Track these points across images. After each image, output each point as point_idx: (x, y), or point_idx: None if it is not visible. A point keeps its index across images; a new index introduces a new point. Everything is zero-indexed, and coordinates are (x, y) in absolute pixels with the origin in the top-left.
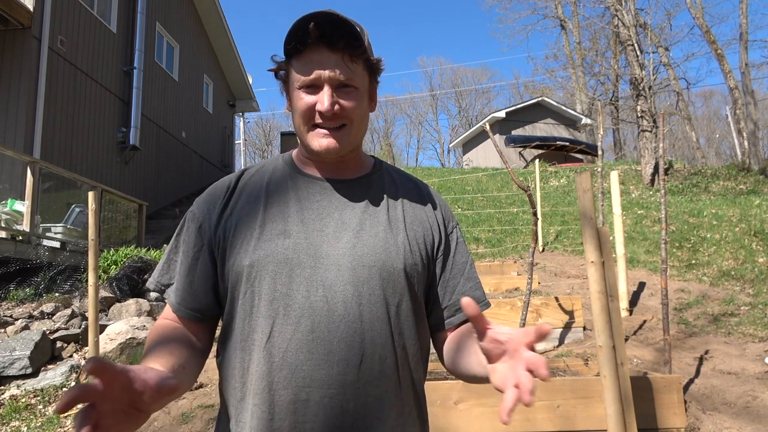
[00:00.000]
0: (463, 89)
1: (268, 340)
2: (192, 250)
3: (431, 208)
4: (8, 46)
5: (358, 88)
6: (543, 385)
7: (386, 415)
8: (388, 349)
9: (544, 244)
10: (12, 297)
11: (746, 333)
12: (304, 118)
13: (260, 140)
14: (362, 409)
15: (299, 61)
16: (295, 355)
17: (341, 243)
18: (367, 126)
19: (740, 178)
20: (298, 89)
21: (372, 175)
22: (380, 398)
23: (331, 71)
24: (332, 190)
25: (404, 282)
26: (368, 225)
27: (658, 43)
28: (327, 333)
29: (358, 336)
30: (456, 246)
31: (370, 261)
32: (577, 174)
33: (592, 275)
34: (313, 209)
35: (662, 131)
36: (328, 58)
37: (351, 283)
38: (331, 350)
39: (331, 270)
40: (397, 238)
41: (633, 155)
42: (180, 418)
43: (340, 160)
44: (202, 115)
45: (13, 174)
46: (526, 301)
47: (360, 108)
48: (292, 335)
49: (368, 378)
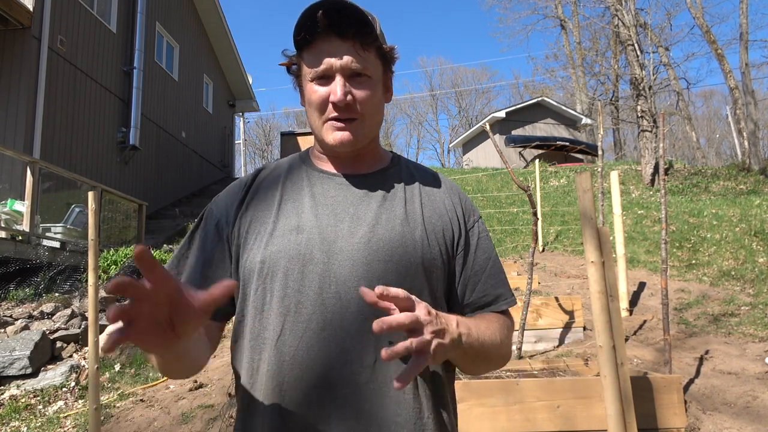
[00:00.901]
0: (463, 89)
1: (279, 338)
2: (209, 245)
3: (451, 202)
4: (8, 46)
5: (371, 77)
6: (543, 385)
7: (404, 419)
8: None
9: (544, 244)
10: (12, 297)
11: (746, 333)
12: (318, 111)
13: (260, 140)
14: (379, 411)
15: (309, 52)
16: (306, 354)
17: (356, 238)
18: (382, 117)
19: (740, 178)
20: (311, 81)
21: (389, 169)
22: (397, 400)
23: (342, 60)
24: (348, 185)
25: (423, 277)
26: (384, 219)
27: (658, 43)
28: (340, 330)
29: (373, 334)
30: (477, 241)
31: (385, 256)
32: (577, 174)
33: (592, 275)
34: (328, 204)
35: (662, 131)
36: (339, 47)
37: (366, 279)
38: (344, 348)
39: (345, 265)
40: (414, 233)
41: (633, 155)
42: (180, 418)
43: (356, 154)
44: (202, 115)
45: (12, 174)
46: (526, 301)
47: (374, 98)
48: (303, 333)
49: (384, 378)
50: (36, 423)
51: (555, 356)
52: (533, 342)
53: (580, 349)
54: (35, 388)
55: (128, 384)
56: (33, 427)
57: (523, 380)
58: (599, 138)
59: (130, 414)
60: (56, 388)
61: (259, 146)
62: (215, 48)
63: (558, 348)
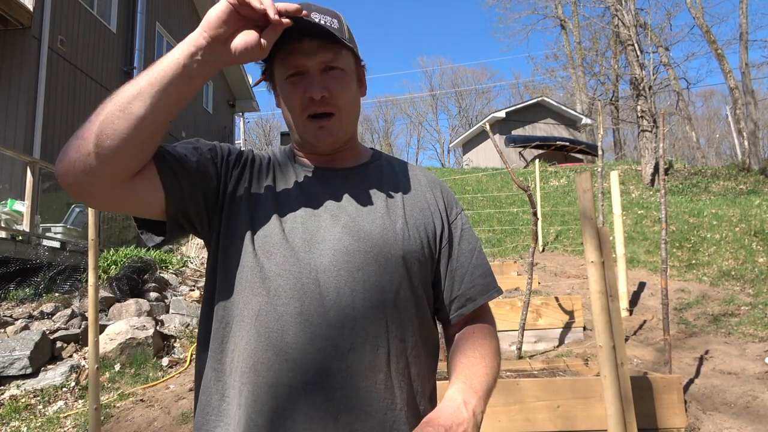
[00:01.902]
0: (463, 89)
1: (257, 318)
2: (206, 156)
3: (432, 196)
4: (8, 46)
5: (344, 69)
6: (543, 385)
7: (374, 409)
8: (381, 339)
9: (544, 244)
10: (12, 297)
11: (746, 333)
12: (296, 108)
13: (260, 140)
14: (349, 399)
15: (281, 53)
16: (280, 337)
17: (337, 228)
18: (359, 111)
19: (740, 178)
20: (285, 80)
21: (370, 164)
22: (368, 390)
23: (315, 55)
24: (331, 177)
25: (402, 269)
26: (365, 212)
27: (658, 43)
28: (316, 317)
29: (349, 323)
30: (461, 233)
31: (366, 247)
32: (577, 174)
33: (592, 275)
34: (311, 196)
35: (662, 131)
36: (310, 44)
37: (345, 269)
38: (319, 335)
39: (325, 255)
40: (395, 225)
41: (633, 155)
42: (180, 418)
43: (337, 150)
44: (202, 115)
45: (12, 174)
46: (526, 301)
47: (349, 91)
48: (280, 316)
49: (358, 367)
50: (36, 423)
51: (555, 356)
52: (533, 342)
53: (580, 349)
54: (35, 388)
55: (128, 384)
56: (33, 427)
57: (523, 380)
58: (599, 138)
59: (130, 414)
60: (56, 388)
61: (259, 146)
62: None
63: (558, 348)
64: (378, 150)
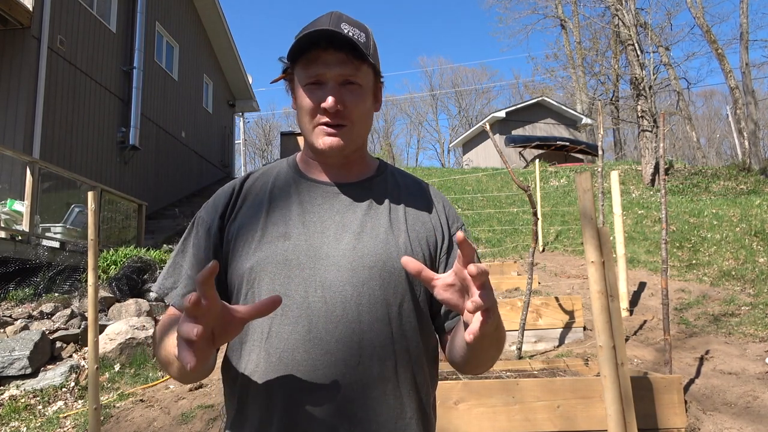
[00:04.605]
0: (463, 89)
1: (267, 340)
2: (203, 251)
3: (435, 209)
4: (8, 46)
5: (362, 85)
6: (543, 385)
7: (386, 419)
8: (388, 351)
9: (544, 244)
10: (11, 297)
11: (747, 333)
12: (309, 115)
13: (260, 140)
14: (360, 411)
15: (304, 59)
16: (291, 356)
17: (341, 244)
18: (370, 125)
19: (741, 178)
20: (303, 86)
21: (375, 178)
22: (378, 400)
23: (335, 68)
24: (335, 193)
25: (405, 283)
26: (369, 227)
27: (658, 42)
28: (325, 333)
29: (357, 336)
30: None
31: (370, 262)
32: (577, 174)
33: (592, 275)
34: (315, 212)
35: (662, 131)
36: (333, 55)
37: (350, 284)
38: (328, 351)
39: (330, 271)
40: (398, 239)
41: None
42: (180, 418)
43: (345, 161)
44: (201, 115)
45: (12, 174)
46: (526, 301)
47: (364, 107)
48: (289, 335)
49: (367, 380)
50: (36, 423)
51: (555, 356)
52: (533, 342)
53: (580, 349)
54: (35, 388)
55: (128, 384)
56: (33, 427)
57: (523, 380)
58: (599, 138)
59: (130, 414)
60: (56, 388)
61: (259, 146)
62: (215, 48)
63: (558, 348)
64: (383, 161)
